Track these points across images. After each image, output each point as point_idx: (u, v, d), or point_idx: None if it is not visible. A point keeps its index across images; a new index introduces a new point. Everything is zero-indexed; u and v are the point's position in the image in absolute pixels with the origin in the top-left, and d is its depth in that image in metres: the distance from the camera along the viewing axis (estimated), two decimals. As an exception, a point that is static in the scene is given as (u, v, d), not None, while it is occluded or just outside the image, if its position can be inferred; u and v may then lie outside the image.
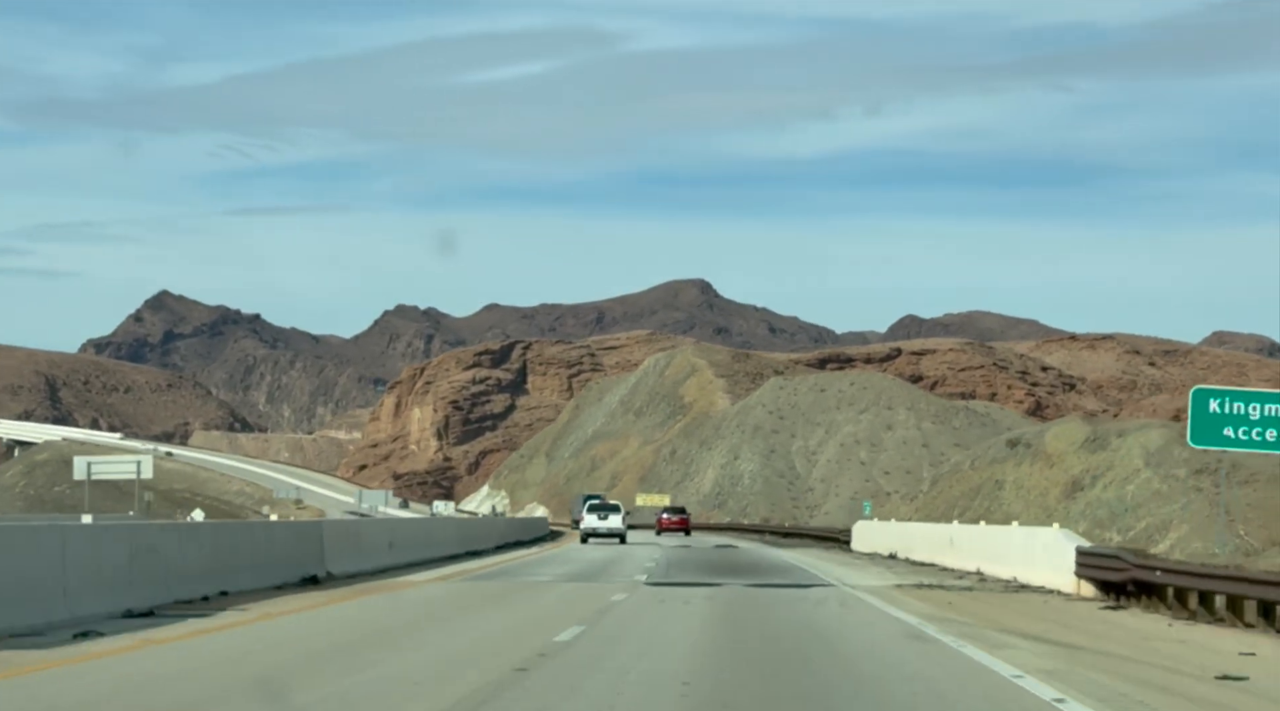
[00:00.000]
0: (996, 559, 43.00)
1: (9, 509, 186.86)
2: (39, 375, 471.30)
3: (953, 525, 48.79)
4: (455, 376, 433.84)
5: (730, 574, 41.45)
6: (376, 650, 19.92)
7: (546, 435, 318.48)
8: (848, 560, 52.79)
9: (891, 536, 59.41)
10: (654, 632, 22.88)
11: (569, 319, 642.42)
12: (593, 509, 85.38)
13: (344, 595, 30.10)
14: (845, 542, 73.06)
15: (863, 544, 65.34)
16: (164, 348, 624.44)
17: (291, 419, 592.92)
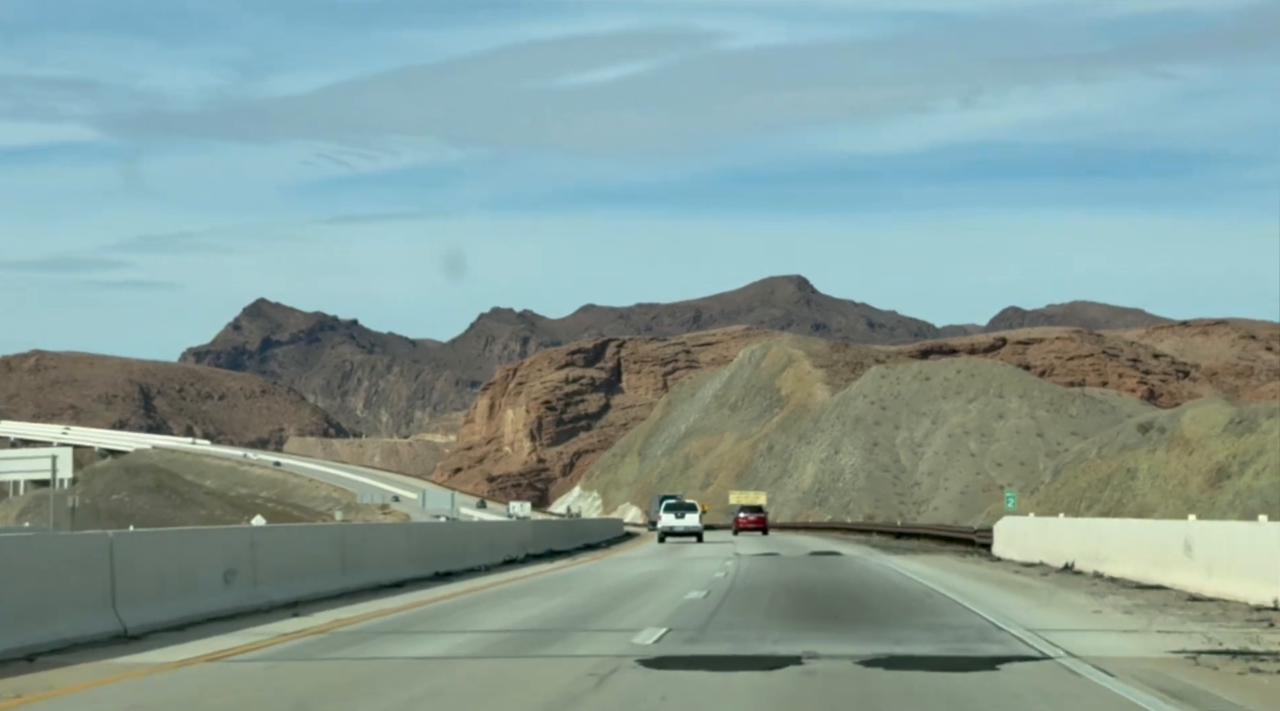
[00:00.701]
0: (1264, 575, 24.66)
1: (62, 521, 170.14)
2: (133, 384, 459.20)
3: (1187, 522, 29.41)
4: (548, 376, 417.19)
5: (826, 615, 22.82)
6: None
7: (638, 433, 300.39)
8: (1008, 578, 33.72)
9: (1063, 538, 40.19)
10: None
11: (665, 318, 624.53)
12: (669, 508, 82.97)
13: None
14: (982, 545, 54.10)
15: (1013, 548, 46.28)
16: (262, 355, 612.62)
17: (390, 423, 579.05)
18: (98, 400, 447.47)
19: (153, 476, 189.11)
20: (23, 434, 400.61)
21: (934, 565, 41.83)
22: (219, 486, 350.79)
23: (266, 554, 24.49)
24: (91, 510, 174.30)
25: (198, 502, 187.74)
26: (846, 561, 45.50)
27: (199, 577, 22.26)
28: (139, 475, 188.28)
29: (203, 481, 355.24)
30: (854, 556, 50.13)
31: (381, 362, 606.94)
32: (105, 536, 19.67)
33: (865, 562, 44.05)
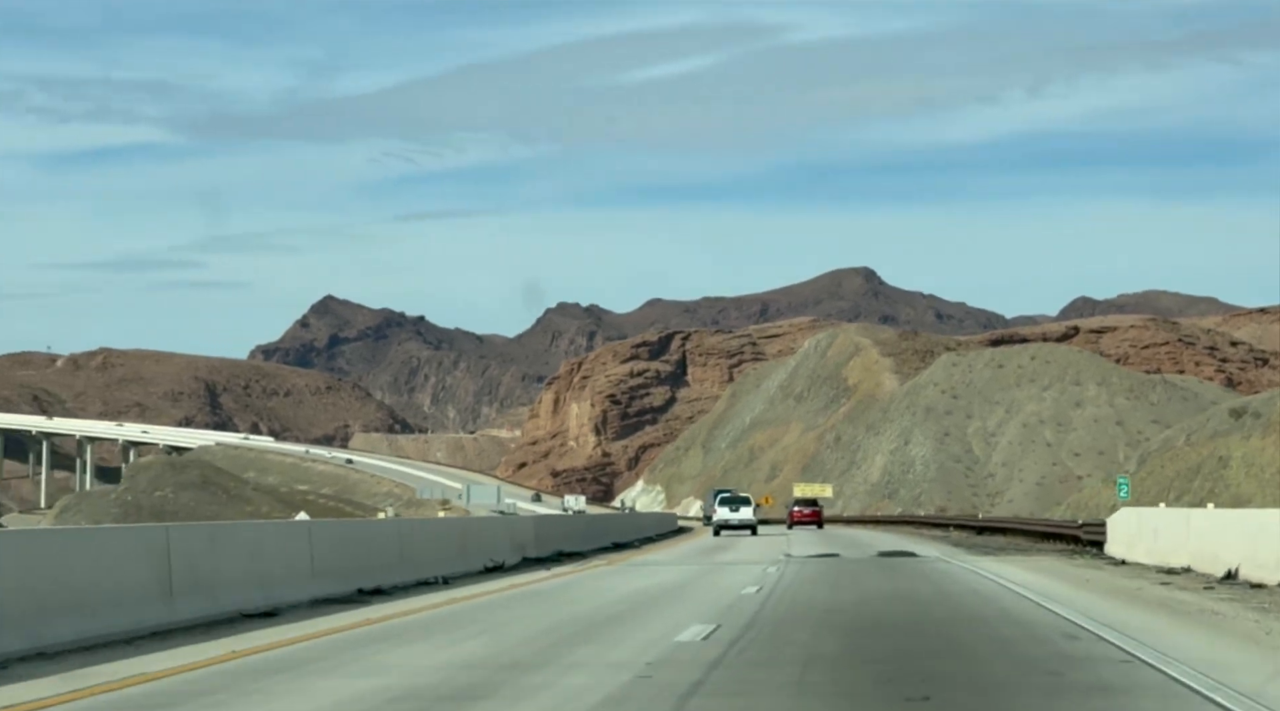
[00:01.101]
0: None
1: (102, 518, 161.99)
2: (199, 381, 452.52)
3: None
4: (613, 370, 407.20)
5: (908, 688, 11.94)
6: None
7: (703, 426, 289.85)
8: (1170, 597, 23.09)
9: (1220, 536, 29.40)
10: None
11: (732, 311, 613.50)
12: (724, 502, 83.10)
13: None
14: (1091, 543, 43.32)
15: (1138, 549, 35.55)
16: (329, 352, 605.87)
17: (457, 419, 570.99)
18: (164, 397, 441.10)
19: (198, 473, 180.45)
20: (88, 431, 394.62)
21: (1043, 572, 31.29)
22: (280, 482, 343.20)
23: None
24: (134, 507, 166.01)
25: (245, 499, 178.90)
26: (926, 567, 34.98)
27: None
28: (184, 472, 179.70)
29: (265, 478, 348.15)
30: (934, 559, 39.63)
31: (448, 359, 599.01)
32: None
33: (950, 569, 33.47)
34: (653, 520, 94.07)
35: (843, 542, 58.12)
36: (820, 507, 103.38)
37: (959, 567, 34.02)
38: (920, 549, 48.17)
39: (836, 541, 60.55)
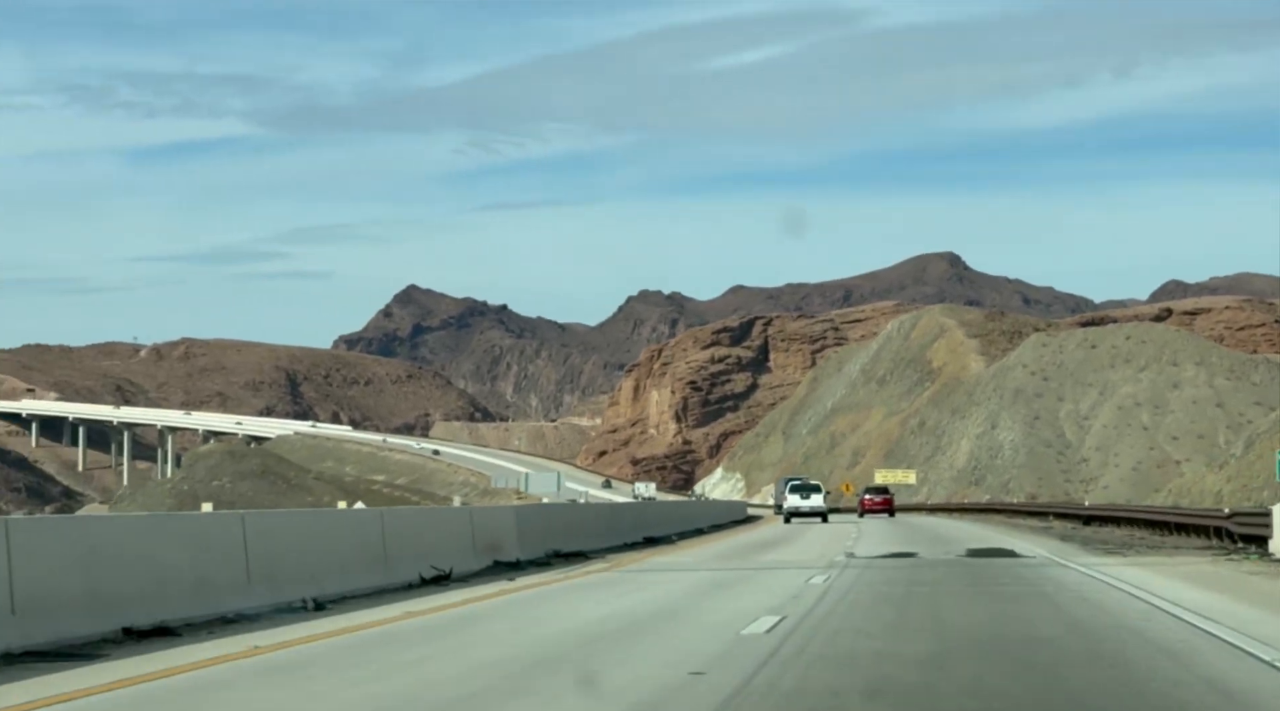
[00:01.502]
0: None
1: (156, 508, 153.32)
2: (279, 370, 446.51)
3: None
4: (693, 356, 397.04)
5: None
6: None
7: (783, 411, 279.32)
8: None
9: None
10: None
11: (815, 297, 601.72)
12: (794, 489, 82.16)
13: None
14: (1247, 538, 32.80)
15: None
16: (412, 341, 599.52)
17: (539, 407, 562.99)
18: (244, 387, 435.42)
19: (258, 462, 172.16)
20: (170, 422, 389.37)
21: (1217, 587, 21.15)
22: (358, 472, 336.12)
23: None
24: (189, 496, 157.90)
25: (305, 488, 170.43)
26: (1037, 576, 24.73)
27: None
28: (243, 461, 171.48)
29: (342, 467, 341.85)
30: (1043, 561, 29.36)
31: (530, 347, 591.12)
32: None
33: (1075, 580, 23.13)
34: (713, 509, 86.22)
35: (923, 536, 48.14)
36: (891, 495, 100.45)
37: (1086, 577, 23.85)
38: (1021, 545, 38.00)
39: (915, 534, 51.15)
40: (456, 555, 25.66)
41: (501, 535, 28.87)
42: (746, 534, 54.79)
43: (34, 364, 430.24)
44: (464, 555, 26.11)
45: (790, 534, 52.92)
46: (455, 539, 26.27)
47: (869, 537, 45.87)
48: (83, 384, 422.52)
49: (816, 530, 56.51)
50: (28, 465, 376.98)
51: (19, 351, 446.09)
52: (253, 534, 17.95)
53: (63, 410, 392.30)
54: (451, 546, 25.72)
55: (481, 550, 27.24)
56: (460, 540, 26.41)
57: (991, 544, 39.16)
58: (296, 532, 20.35)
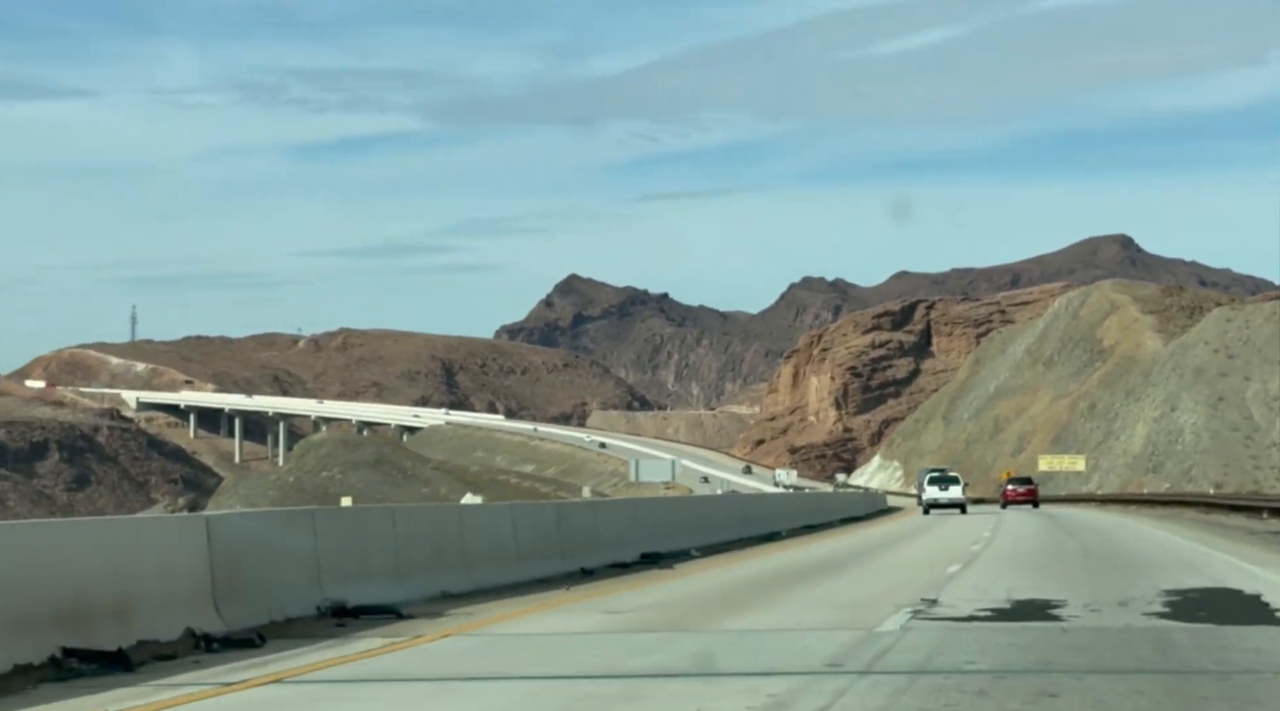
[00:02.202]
0: None
1: (258, 500, 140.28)
2: (435, 360, 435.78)
3: None
4: (853, 341, 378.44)
5: None
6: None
7: (943, 396, 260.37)
8: None
9: None
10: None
11: (981, 282, 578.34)
12: (933, 481, 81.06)
13: None
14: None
15: None
16: (574, 331, 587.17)
17: (700, 396, 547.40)
18: (400, 377, 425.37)
19: (373, 451, 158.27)
20: (321, 412, 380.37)
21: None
22: (508, 462, 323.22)
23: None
24: (294, 488, 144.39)
25: (422, 479, 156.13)
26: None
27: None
28: (357, 450, 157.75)
29: (492, 457, 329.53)
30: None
31: (691, 335, 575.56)
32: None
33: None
34: (839, 502, 76.02)
35: (1083, 547, 31.49)
36: (1035, 486, 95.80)
37: None
38: (1262, 582, 20.89)
39: (1070, 543, 36.39)
40: (342, 584, 17.87)
41: (453, 544, 21.20)
42: (835, 540, 38.91)
43: (194, 356, 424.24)
44: (386, 576, 18.97)
45: (895, 538, 37.97)
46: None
47: (996, 552, 30.10)
48: (241, 375, 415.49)
49: (929, 537, 44.05)
50: (185, 457, 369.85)
51: (179, 344, 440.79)
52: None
53: (219, 402, 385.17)
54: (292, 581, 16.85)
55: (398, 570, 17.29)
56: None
57: (1210, 575, 22.20)
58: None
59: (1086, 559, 29.14)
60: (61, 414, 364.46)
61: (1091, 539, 38.85)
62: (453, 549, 21.39)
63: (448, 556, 21.15)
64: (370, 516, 20.14)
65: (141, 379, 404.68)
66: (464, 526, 22.18)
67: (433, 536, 21.07)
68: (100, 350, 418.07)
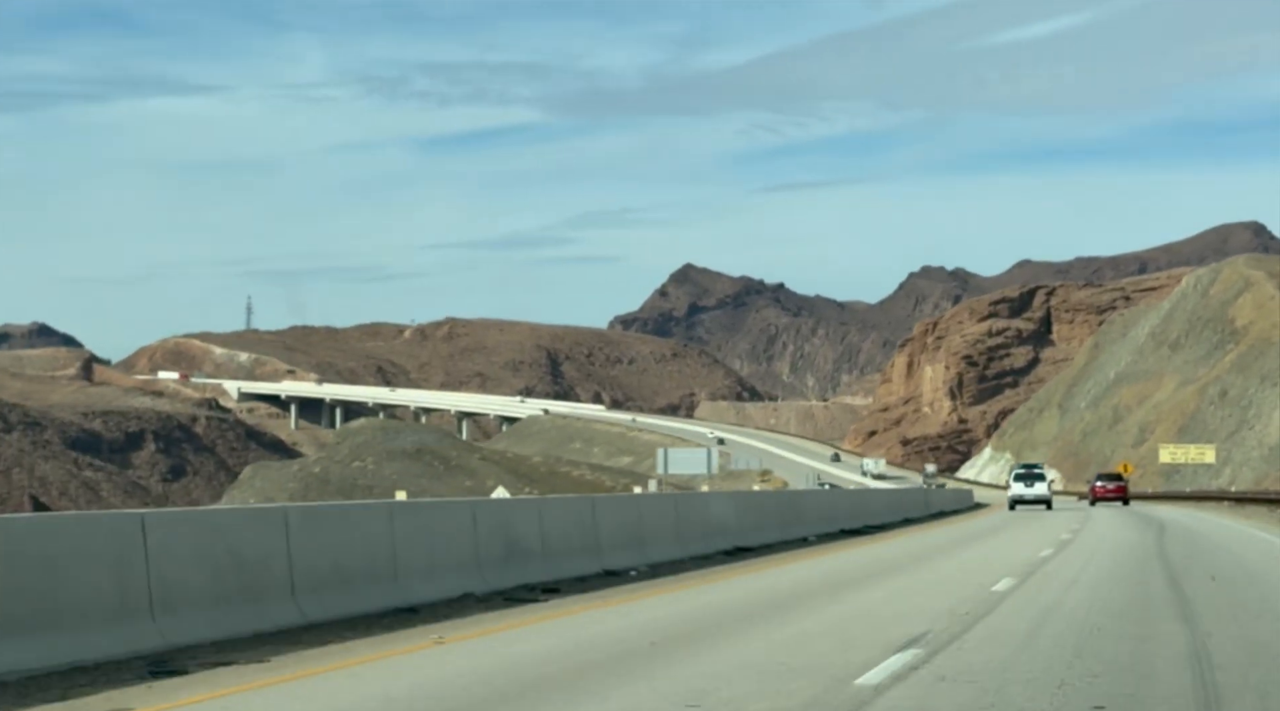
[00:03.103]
0: None
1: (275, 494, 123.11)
2: (541, 350, 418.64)
3: None
4: (969, 329, 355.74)
5: None
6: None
7: (1059, 383, 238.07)
8: None
9: None
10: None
11: (1107, 271, 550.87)
12: (1019, 477, 78.54)
13: None
14: None
15: None
16: (688, 321, 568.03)
17: (816, 387, 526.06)
18: (504, 367, 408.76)
19: (414, 439, 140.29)
20: (422, 402, 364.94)
21: None
22: (605, 454, 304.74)
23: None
24: (319, 480, 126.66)
25: (467, 470, 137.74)
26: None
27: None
28: (398, 438, 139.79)
29: (590, 449, 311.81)
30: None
31: (807, 325, 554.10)
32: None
33: None
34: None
35: (1196, 566, 21.79)
36: (1126, 482, 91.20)
37: None
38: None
39: (1173, 555, 28.55)
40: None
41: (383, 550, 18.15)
42: (873, 548, 22.46)
43: (298, 345, 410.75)
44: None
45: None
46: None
47: (1057, 579, 21.99)
48: (345, 365, 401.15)
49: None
50: (284, 447, 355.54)
51: (284, 333, 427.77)
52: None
53: (320, 392, 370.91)
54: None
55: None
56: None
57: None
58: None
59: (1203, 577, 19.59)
60: (160, 404, 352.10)
61: (1209, 543, 30.76)
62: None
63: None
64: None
65: (244, 369, 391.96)
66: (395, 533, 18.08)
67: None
68: (204, 340, 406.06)
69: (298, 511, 16.31)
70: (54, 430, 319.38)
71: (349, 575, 17.05)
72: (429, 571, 18.86)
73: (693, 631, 15.47)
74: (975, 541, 38.15)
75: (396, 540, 18.13)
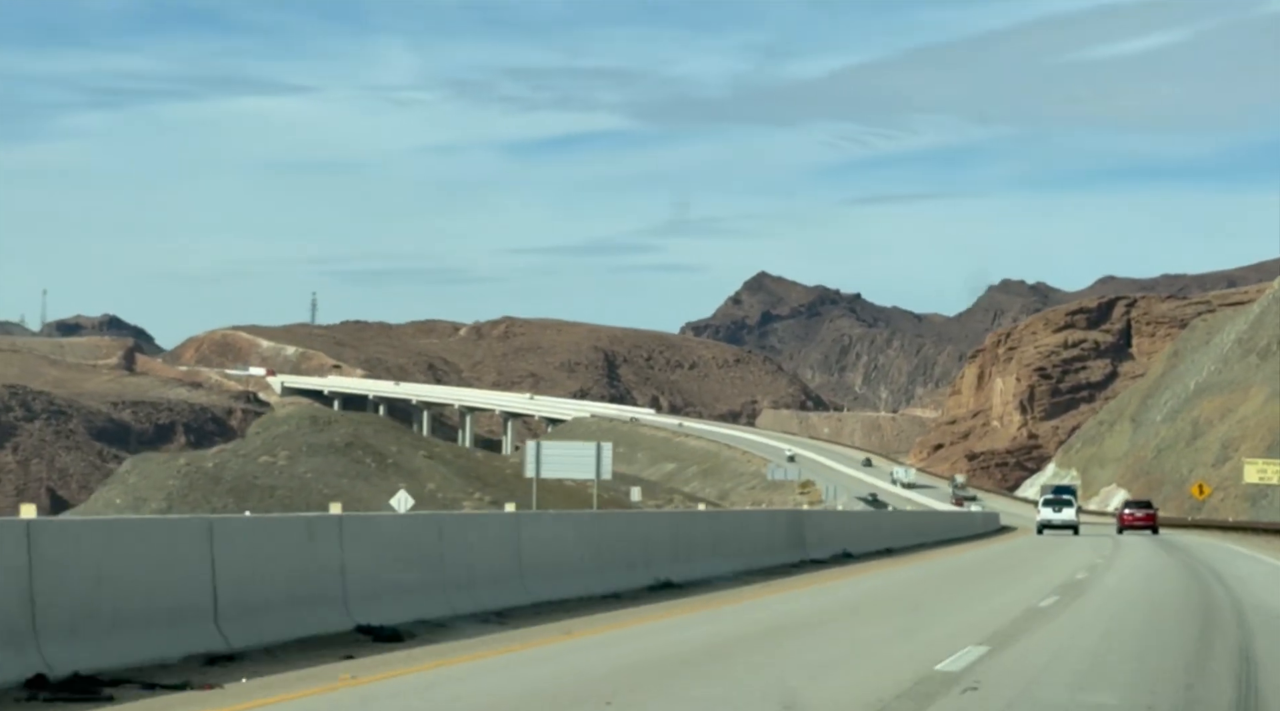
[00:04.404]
0: None
1: (149, 493, 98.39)
2: (598, 352, 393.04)
3: None
4: (1043, 340, 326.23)
5: None
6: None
7: (1133, 394, 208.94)
8: None
9: None
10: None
11: (1194, 288, 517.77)
12: (1047, 502, 77.36)
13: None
14: None
15: None
16: (760, 329, 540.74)
17: (889, 399, 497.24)
18: (559, 368, 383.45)
19: (348, 431, 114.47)
20: (468, 401, 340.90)
21: None
22: (649, 459, 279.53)
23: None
24: (208, 478, 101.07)
25: (407, 470, 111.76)
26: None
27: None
28: (328, 430, 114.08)
29: (634, 453, 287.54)
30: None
31: (881, 337, 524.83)
32: None
33: None
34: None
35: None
36: (1155, 510, 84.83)
37: None
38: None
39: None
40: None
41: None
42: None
43: (348, 340, 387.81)
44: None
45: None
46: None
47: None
48: (395, 362, 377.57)
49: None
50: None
51: (335, 328, 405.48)
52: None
53: (364, 388, 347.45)
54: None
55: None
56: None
57: None
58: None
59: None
60: (195, 396, 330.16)
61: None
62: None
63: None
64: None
65: (290, 362, 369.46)
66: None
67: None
68: (252, 332, 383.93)
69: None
70: (80, 419, 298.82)
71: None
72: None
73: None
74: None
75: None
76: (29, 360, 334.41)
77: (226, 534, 14.60)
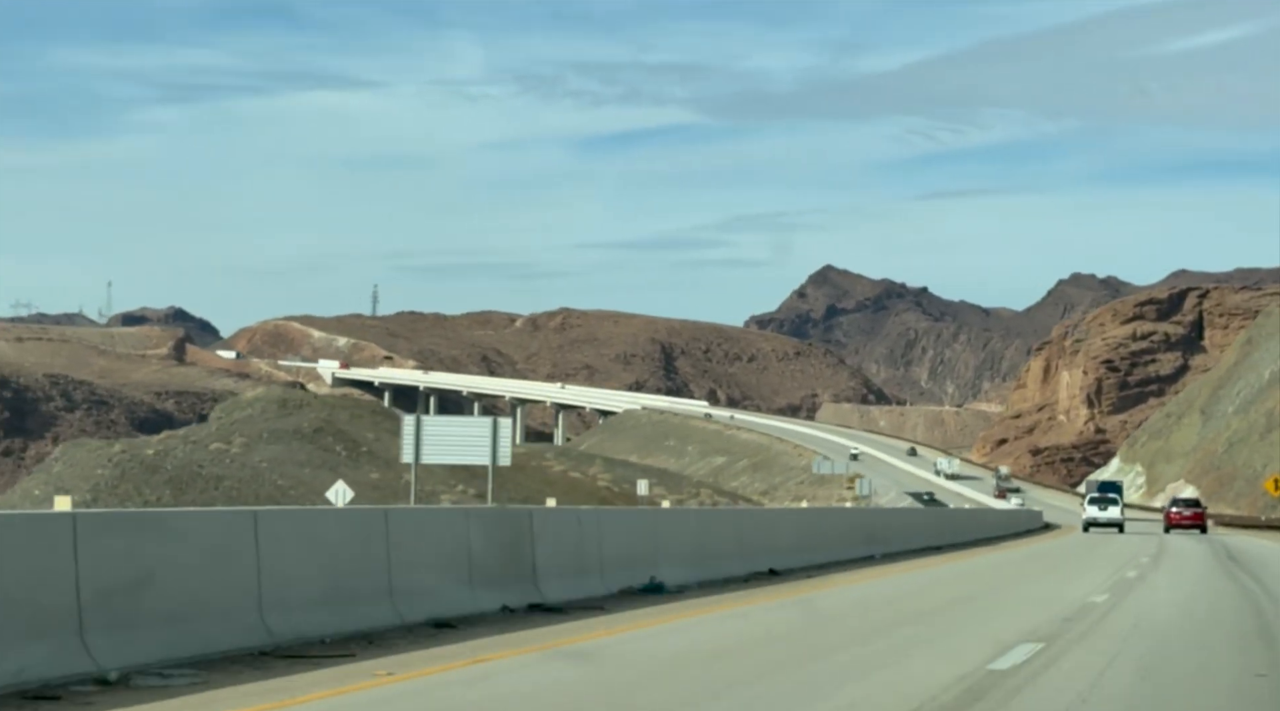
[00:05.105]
0: None
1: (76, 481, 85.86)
2: (655, 344, 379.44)
3: None
4: (1111, 332, 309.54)
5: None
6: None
7: (1203, 385, 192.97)
8: None
9: None
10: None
11: (1268, 282, 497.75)
12: (1093, 500, 77.35)
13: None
14: None
15: None
16: (825, 323, 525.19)
17: (956, 394, 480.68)
18: (615, 360, 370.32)
19: (318, 416, 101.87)
20: (518, 393, 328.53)
21: None
22: (699, 453, 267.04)
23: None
24: (147, 468, 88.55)
25: (381, 460, 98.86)
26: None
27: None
28: (296, 414, 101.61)
29: (685, 445, 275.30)
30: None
31: (948, 330, 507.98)
32: None
33: None
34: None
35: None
36: (1204, 509, 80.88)
37: None
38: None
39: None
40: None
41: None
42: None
43: (401, 332, 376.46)
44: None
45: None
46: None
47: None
48: (448, 353, 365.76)
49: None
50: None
51: (389, 319, 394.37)
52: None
53: (415, 379, 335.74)
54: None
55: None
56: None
57: None
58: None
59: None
60: (242, 386, 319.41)
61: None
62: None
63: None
64: None
65: (342, 353, 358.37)
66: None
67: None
68: (304, 323, 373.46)
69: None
70: (121, 410, 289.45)
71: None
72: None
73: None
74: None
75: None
76: (77, 350, 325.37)
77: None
